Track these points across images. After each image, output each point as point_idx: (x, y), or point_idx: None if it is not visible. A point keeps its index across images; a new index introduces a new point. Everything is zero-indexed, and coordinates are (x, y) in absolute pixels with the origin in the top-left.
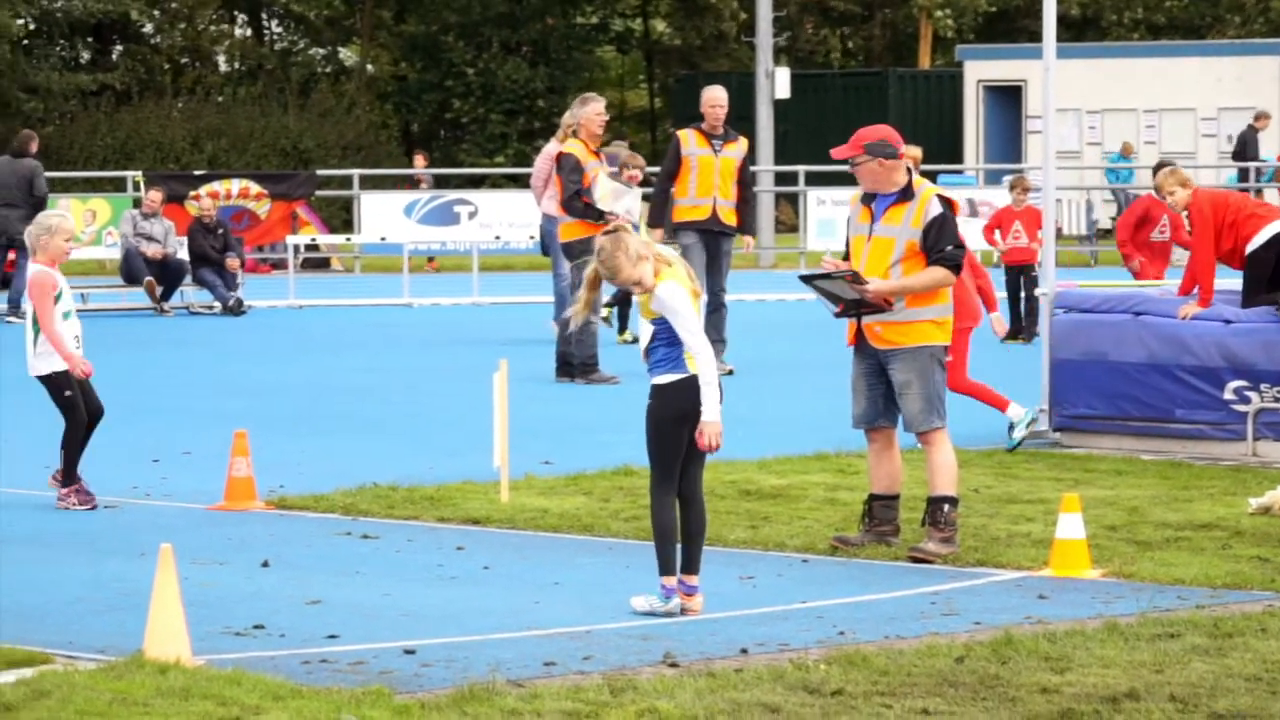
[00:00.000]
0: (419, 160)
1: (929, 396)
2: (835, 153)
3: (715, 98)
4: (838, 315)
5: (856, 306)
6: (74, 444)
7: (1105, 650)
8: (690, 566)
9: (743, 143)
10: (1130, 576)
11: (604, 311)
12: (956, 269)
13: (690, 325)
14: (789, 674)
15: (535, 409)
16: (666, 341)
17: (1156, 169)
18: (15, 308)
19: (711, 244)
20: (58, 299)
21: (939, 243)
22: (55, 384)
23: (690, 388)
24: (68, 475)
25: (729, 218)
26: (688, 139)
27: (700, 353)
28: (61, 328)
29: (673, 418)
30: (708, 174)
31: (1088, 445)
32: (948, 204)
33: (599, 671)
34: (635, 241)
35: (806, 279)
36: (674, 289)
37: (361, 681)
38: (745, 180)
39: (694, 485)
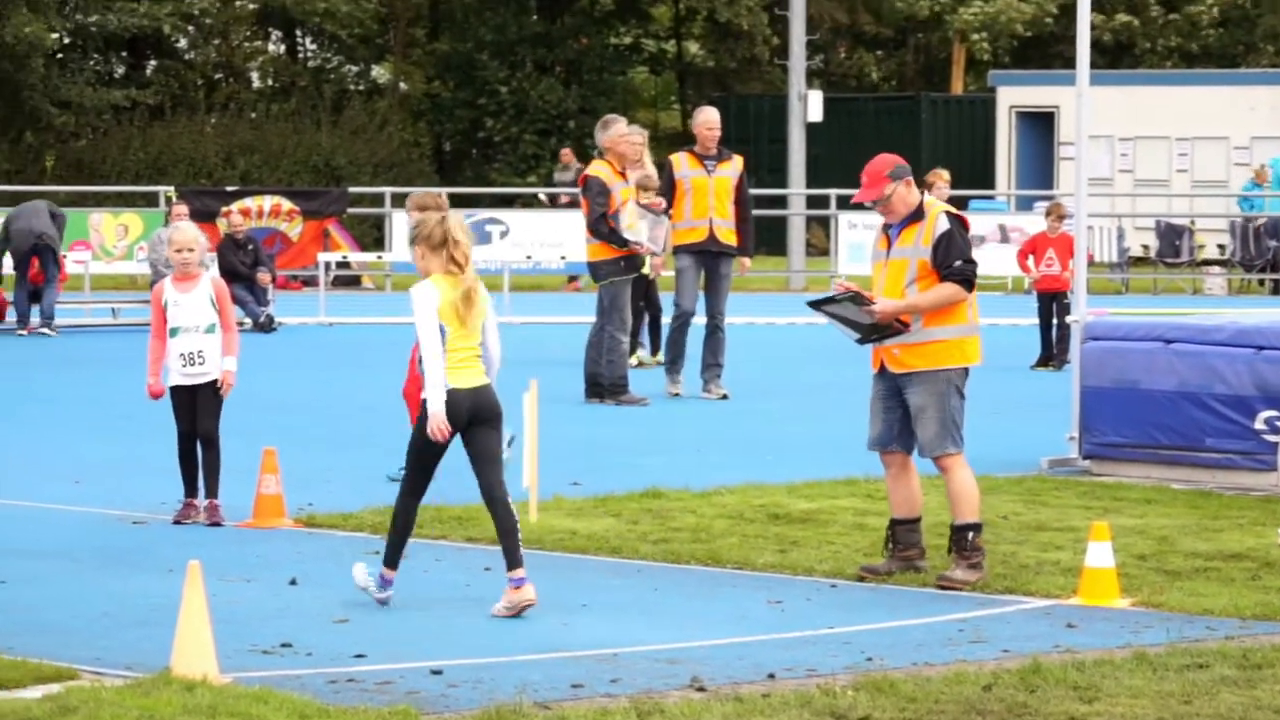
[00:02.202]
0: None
1: (944, 421)
2: (862, 198)
3: (709, 119)
4: (860, 342)
5: (875, 331)
6: (180, 458)
7: (1134, 680)
8: (513, 562)
9: (737, 161)
10: (1159, 606)
11: (650, 360)
12: (968, 284)
13: (421, 329)
14: (816, 700)
15: (565, 430)
16: None
17: None
18: (49, 320)
19: (710, 265)
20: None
21: (948, 258)
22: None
23: (458, 401)
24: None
25: (727, 237)
26: (679, 162)
27: (423, 353)
28: (162, 343)
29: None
30: (702, 195)
31: (1117, 473)
32: (957, 219)
33: (626, 694)
34: (447, 233)
35: (815, 304)
36: (420, 292)
37: (388, 701)
38: (743, 199)
39: (492, 486)
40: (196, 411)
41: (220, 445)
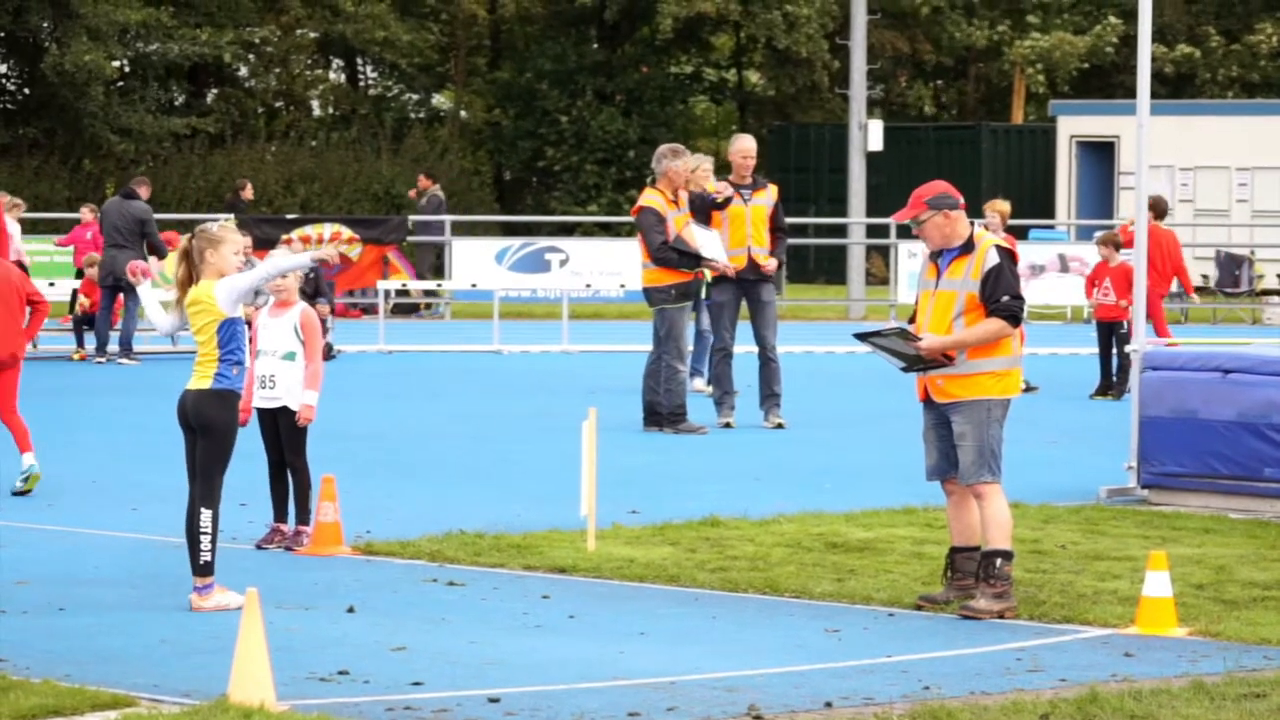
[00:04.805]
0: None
1: (981, 450)
2: (897, 216)
3: (744, 148)
4: (905, 371)
5: (920, 361)
6: (270, 483)
7: (1191, 709)
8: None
9: (772, 190)
10: (1217, 635)
11: (705, 388)
12: (1014, 320)
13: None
14: None
15: (623, 458)
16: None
17: None
18: (128, 350)
19: (750, 292)
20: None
21: (995, 293)
22: None
23: (180, 400)
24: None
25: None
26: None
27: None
28: (253, 365)
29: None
30: (739, 224)
31: (1176, 503)
32: (1008, 254)
33: None
34: (228, 252)
35: (861, 336)
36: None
37: None
38: (779, 225)
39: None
40: (281, 439)
41: (308, 473)
